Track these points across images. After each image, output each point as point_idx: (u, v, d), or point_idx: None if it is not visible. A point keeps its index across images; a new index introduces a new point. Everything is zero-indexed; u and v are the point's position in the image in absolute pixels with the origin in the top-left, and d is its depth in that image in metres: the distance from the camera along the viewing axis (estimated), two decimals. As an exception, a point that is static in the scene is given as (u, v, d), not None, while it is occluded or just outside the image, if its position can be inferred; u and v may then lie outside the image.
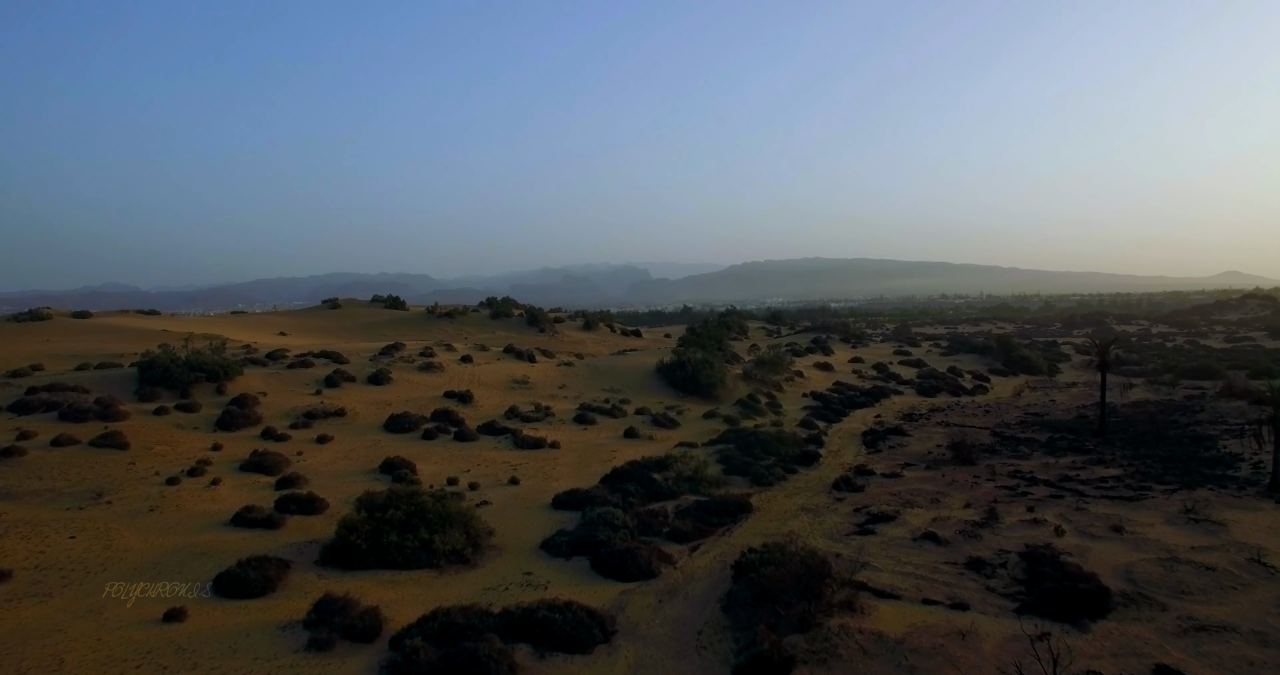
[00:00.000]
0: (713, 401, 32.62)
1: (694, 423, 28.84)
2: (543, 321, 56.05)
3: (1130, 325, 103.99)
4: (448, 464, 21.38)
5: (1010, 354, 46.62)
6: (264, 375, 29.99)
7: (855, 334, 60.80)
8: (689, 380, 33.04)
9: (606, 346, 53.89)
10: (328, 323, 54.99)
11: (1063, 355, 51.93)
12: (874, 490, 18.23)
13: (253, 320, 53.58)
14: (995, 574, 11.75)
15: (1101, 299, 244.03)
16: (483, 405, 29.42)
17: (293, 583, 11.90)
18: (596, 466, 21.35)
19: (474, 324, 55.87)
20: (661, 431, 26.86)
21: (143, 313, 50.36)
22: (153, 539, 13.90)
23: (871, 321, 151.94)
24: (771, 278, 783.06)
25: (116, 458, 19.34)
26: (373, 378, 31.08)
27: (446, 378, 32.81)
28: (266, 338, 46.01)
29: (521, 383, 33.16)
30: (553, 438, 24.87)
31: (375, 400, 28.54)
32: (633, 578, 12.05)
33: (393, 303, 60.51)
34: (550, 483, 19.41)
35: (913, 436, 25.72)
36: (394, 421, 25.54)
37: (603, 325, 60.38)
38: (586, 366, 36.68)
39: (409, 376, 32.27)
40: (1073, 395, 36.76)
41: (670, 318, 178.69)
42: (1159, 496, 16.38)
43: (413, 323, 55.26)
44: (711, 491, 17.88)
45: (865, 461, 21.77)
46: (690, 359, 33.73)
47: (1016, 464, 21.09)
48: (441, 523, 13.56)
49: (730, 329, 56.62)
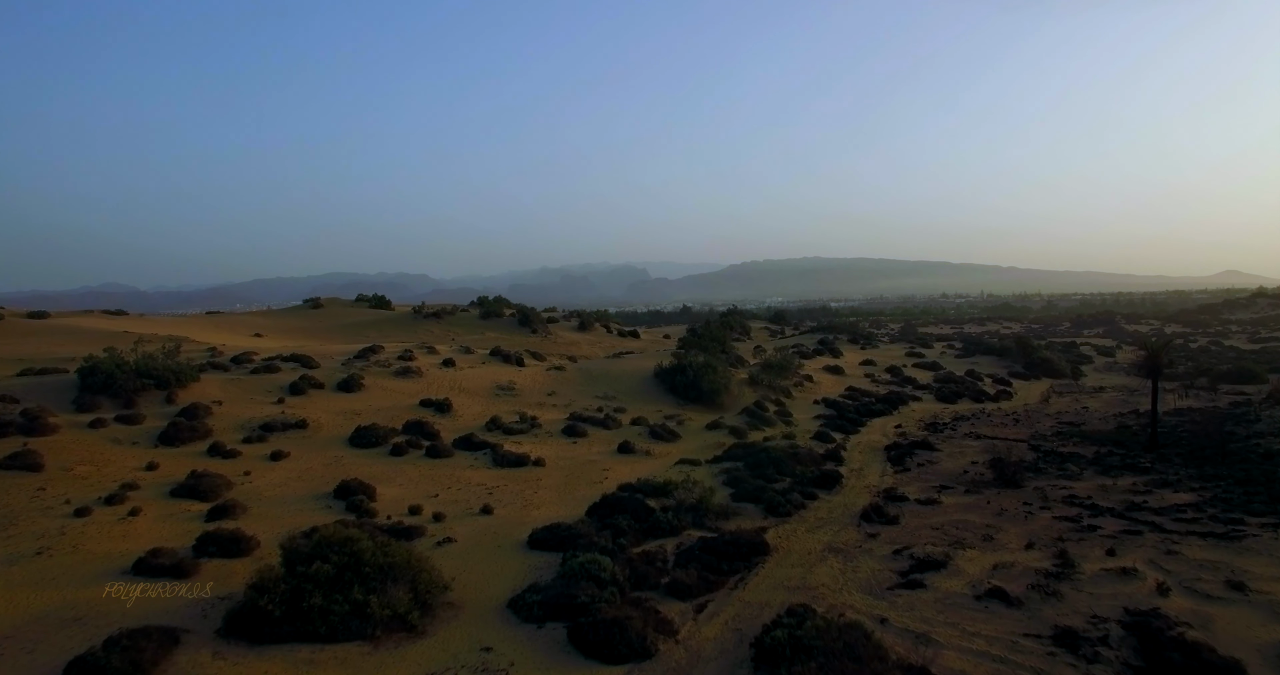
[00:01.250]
0: (716, 410, 29.82)
1: (696, 435, 26.03)
2: (535, 322, 53.23)
3: (1141, 325, 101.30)
4: (414, 487, 18.57)
5: (1031, 356, 43.84)
6: (223, 382, 27.19)
7: (864, 335, 57.92)
8: (690, 386, 30.23)
9: (602, 348, 51.06)
10: (308, 323, 52.12)
11: (1084, 357, 49.16)
12: (911, 521, 15.44)
13: (228, 321, 50.74)
14: (1098, 656, 8.92)
15: (1104, 298, 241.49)
16: (462, 415, 26.62)
17: (176, 668, 9.07)
18: (585, 489, 18.55)
19: (463, 325, 53.02)
20: (660, 445, 24.05)
21: (109, 313, 47.47)
22: (22, 597, 11.05)
23: (874, 321, 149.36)
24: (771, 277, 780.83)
25: (23, 482, 16.47)
26: (343, 384, 28.27)
27: (425, 384, 30.01)
28: (239, 339, 43.18)
29: (507, 389, 30.33)
30: (537, 453, 22.06)
31: (343, 410, 25.74)
32: (622, 659, 9.21)
33: (378, 302, 57.64)
34: (529, 511, 16.60)
35: (942, 451, 22.91)
36: (360, 435, 22.74)
37: (598, 326, 57.57)
38: (579, 371, 33.87)
39: (383, 383, 29.46)
40: (1105, 402, 33.96)
41: (669, 317, 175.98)
42: (1260, 534, 13.57)
43: (398, 323, 52.42)
44: (719, 524, 15.07)
45: (894, 483, 18.97)
46: (691, 363, 30.92)
47: (1068, 486, 18.31)
48: (382, 577, 10.74)
49: (732, 329, 53.75)
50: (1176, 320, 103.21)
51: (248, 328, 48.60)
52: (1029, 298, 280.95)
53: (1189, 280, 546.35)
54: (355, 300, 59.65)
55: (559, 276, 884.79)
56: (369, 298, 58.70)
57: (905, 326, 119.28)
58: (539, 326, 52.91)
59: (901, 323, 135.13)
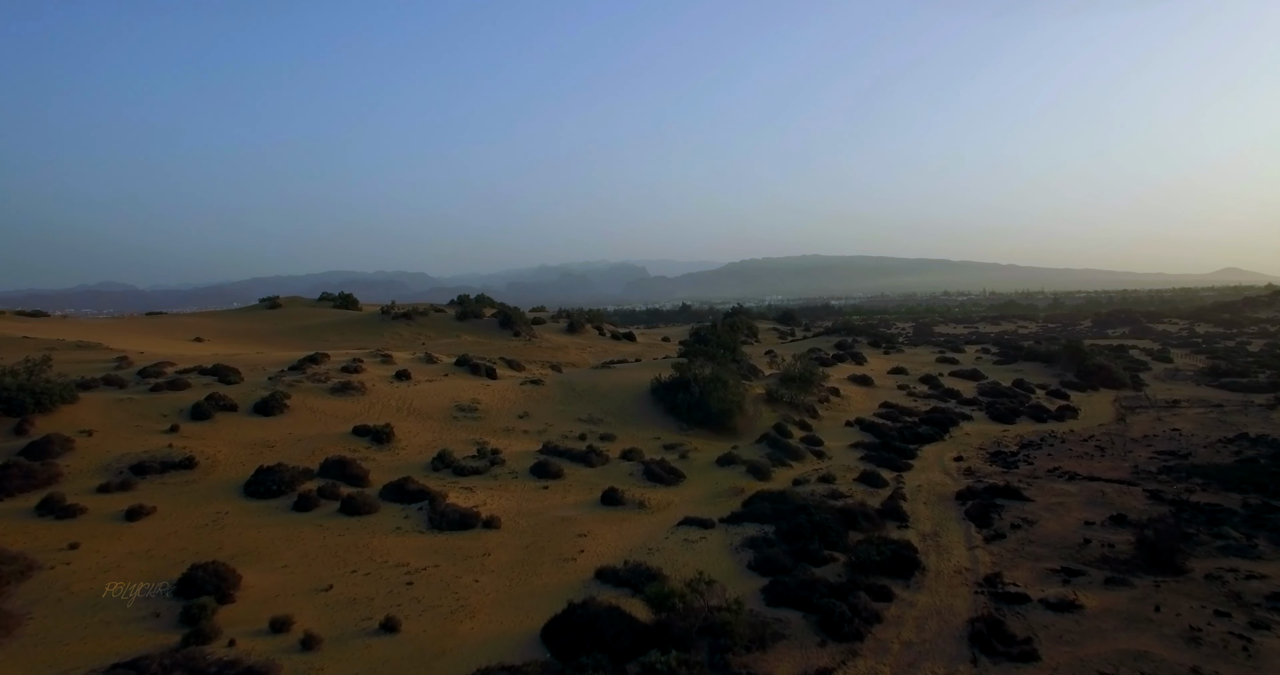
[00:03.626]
0: (728, 436, 24.07)
1: (704, 473, 20.24)
2: (518, 324, 47.39)
3: (1168, 324, 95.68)
4: (304, 569, 12.78)
5: (1083, 363, 38.08)
6: (109, 403, 21.42)
7: (885, 337, 51.94)
8: (695, 406, 24.46)
9: (592, 354, 45.25)
10: (261, 326, 46.26)
11: (1137, 362, 43.41)
12: (1054, 652, 9.69)
13: (169, 323, 44.86)
14: None
15: (1110, 296, 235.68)
16: (405, 447, 20.84)
17: None
18: (548, 575, 12.78)
19: (436, 327, 47.20)
20: (657, 491, 18.26)
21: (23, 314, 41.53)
22: None
23: (882, 320, 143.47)
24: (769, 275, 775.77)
25: None
26: (261, 405, 22.52)
27: (366, 403, 24.25)
28: (170, 346, 37.32)
29: (468, 411, 24.54)
30: (492, 507, 16.29)
31: (252, 441, 19.98)
32: None
33: (343, 302, 51.73)
34: (456, 626, 10.82)
35: (1036, 502, 17.09)
36: (260, 479, 16.97)
37: (589, 327, 51.74)
38: (560, 386, 28.05)
39: (314, 402, 23.70)
40: (1194, 421, 28.17)
41: (669, 316, 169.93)
42: None
43: (363, 326, 46.58)
44: (750, 663, 9.32)
45: (993, 563, 13.19)
46: (696, 376, 25.13)
47: (1251, 569, 12.58)
48: None
49: (739, 331, 47.93)
50: (1203, 319, 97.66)
51: (190, 331, 42.75)
52: (1033, 295, 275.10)
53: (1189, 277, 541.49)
54: (318, 299, 53.80)
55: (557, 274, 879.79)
56: (334, 297, 52.79)
57: (918, 326, 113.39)
58: (522, 329, 47.10)
59: (911, 322, 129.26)
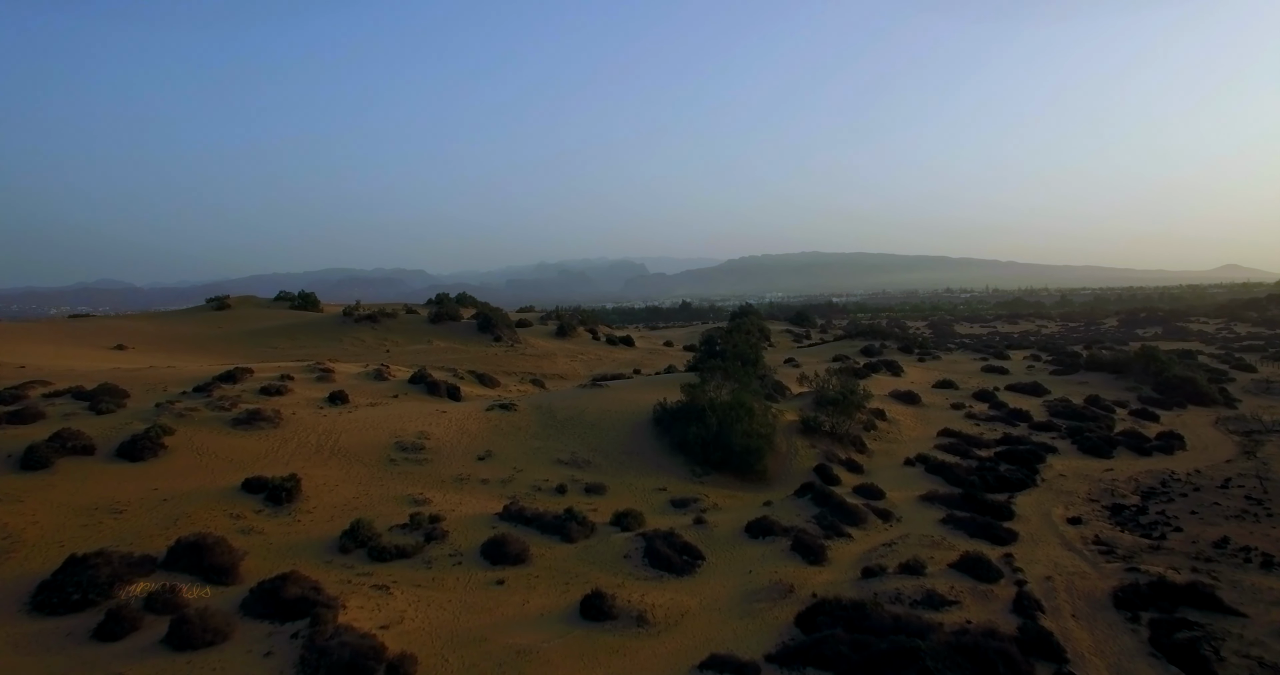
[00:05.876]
0: (755, 483, 18.13)
1: (730, 551, 14.24)
2: (499, 327, 41.35)
3: (1199, 323, 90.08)
4: None
5: (1162, 374, 32.21)
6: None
7: (917, 341, 45.73)
8: (713, 443, 18.49)
9: (584, 362, 39.25)
10: (202, 330, 40.17)
11: (1215, 371, 37.52)
12: None
13: (93, 328, 38.80)
14: None
15: (1117, 293, 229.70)
16: (313, 509, 14.83)
17: None
18: None
19: (405, 330, 41.16)
20: (663, 590, 12.29)
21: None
22: None
23: (893, 319, 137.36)
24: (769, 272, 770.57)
25: None
26: (127, 446, 16.58)
27: (277, 439, 18.24)
28: (82, 356, 31.24)
29: (413, 449, 18.52)
30: (410, 630, 10.26)
31: (93, 504, 14.00)
32: None
33: (304, 301, 45.65)
34: None
35: (1251, 618, 11.21)
36: (57, 583, 11.01)
37: (581, 330, 45.71)
38: (537, 411, 22.02)
39: (205, 439, 17.70)
40: (1339, 454, 22.26)
41: (668, 314, 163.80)
42: None
43: (320, 329, 40.49)
44: None
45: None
46: (714, 404, 19.16)
47: None
48: None
49: (753, 336, 41.86)
50: (1236, 317, 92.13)
51: (114, 336, 36.66)
52: (1037, 293, 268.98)
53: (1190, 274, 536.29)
54: (275, 298, 47.72)
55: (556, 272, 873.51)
56: (292, 297, 46.70)
57: (932, 325, 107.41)
58: (504, 333, 41.08)
59: (922, 320, 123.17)
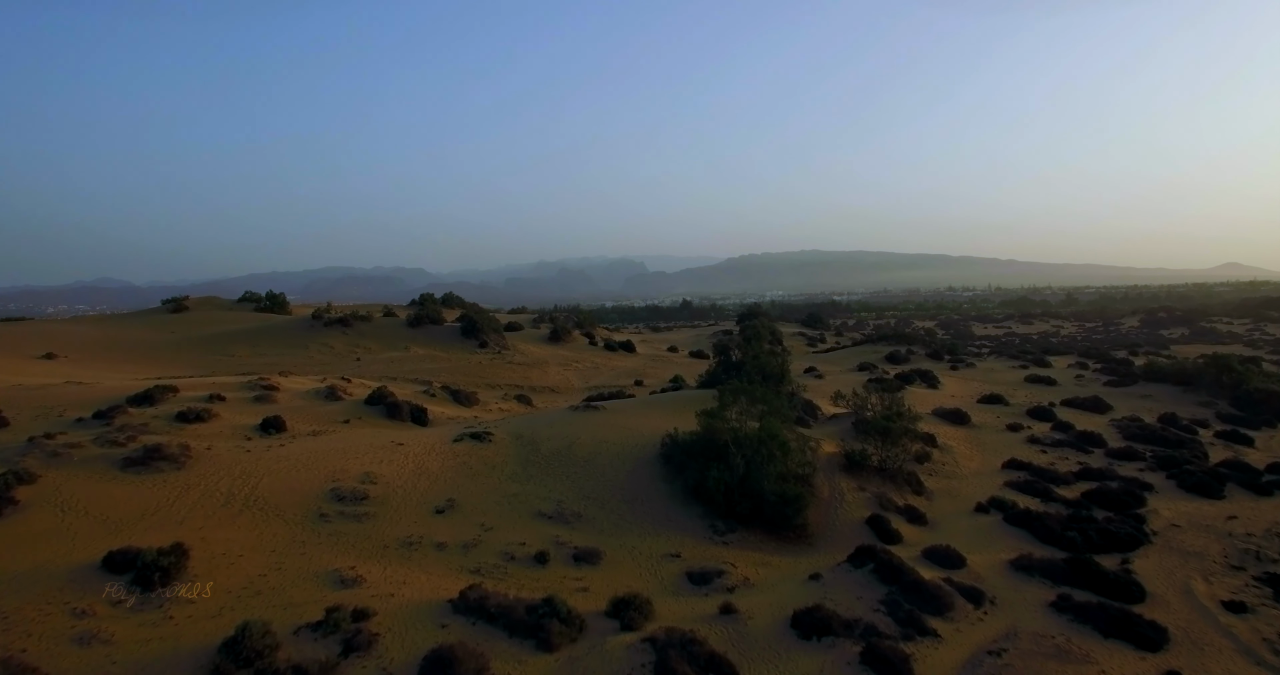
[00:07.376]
0: (795, 543, 14.04)
1: (777, 665, 10.14)
2: (485, 332, 37.19)
3: (1229, 323, 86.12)
4: None
5: (1241, 387, 28.12)
6: None
7: (947, 347, 41.42)
8: (740, 491, 14.40)
9: (578, 372, 35.08)
10: (153, 335, 35.97)
11: (1284, 382, 33.37)
12: None
13: (26, 333, 34.54)
14: None
15: (1123, 291, 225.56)
16: (194, 598, 10.58)
17: None
18: None
19: (381, 335, 37.02)
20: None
21: None
22: None
23: (900, 318, 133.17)
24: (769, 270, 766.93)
25: None
26: (-32, 503, 12.42)
27: (178, 486, 14.04)
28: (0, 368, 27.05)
29: (352, 500, 14.35)
30: None
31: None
32: None
33: (270, 303, 41.48)
34: None
35: None
36: None
37: (577, 334, 41.54)
38: (517, 444, 17.85)
39: (76, 489, 13.50)
40: None
41: (669, 313, 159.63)
42: None
43: (287, 334, 36.34)
44: None
45: None
46: (740, 435, 15.04)
47: None
48: None
49: (765, 339, 37.71)
50: (1265, 318, 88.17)
51: (47, 344, 32.44)
52: (1041, 291, 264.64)
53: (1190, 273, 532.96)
54: (239, 300, 43.53)
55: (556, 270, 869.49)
56: (258, 297, 42.51)
57: (942, 324, 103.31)
58: (490, 339, 36.93)
59: (933, 320, 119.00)
